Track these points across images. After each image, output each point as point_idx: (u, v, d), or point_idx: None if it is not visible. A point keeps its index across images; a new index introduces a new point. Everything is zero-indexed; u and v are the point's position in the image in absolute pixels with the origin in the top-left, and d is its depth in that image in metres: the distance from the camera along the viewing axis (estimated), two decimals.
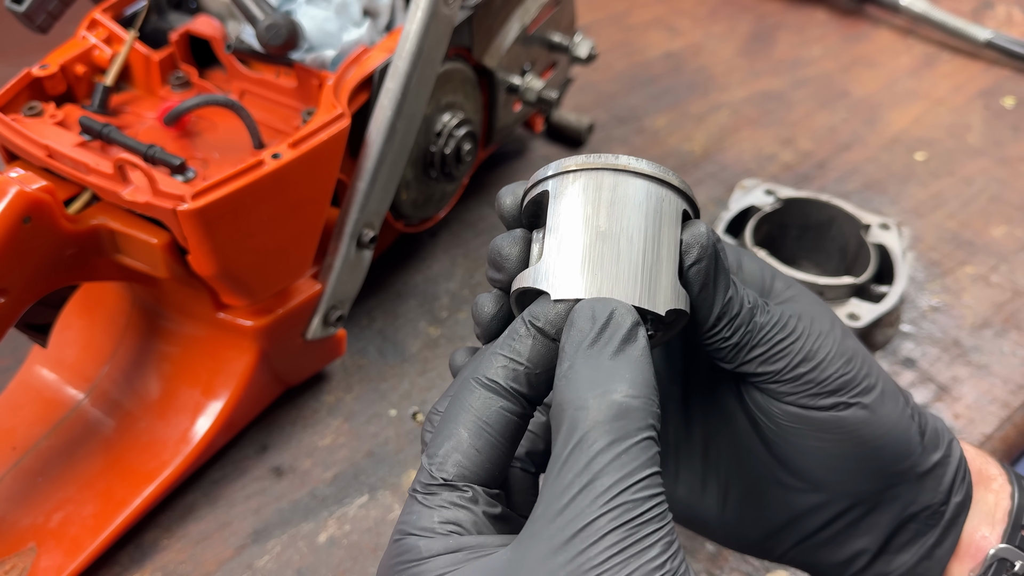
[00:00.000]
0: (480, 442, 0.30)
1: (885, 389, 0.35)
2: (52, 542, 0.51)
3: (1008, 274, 0.72)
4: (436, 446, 0.30)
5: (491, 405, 0.30)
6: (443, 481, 0.29)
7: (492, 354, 0.31)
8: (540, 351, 0.30)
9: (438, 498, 0.29)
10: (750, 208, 0.59)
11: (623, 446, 0.26)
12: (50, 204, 0.45)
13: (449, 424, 0.30)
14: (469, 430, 0.30)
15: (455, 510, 0.29)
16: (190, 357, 0.55)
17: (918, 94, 0.93)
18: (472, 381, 0.30)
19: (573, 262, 0.30)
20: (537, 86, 0.69)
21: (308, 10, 0.57)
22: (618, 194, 0.31)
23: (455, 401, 0.30)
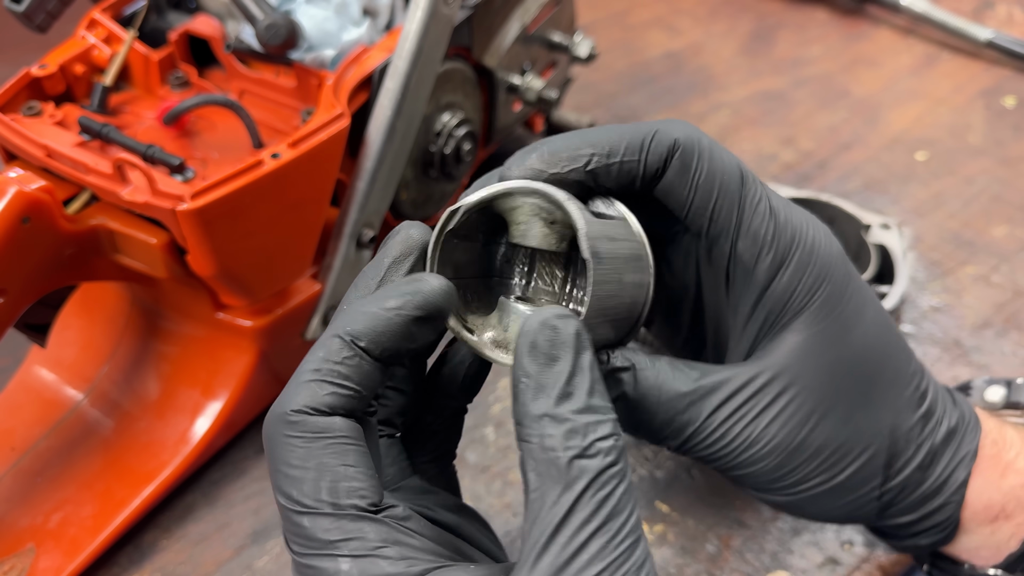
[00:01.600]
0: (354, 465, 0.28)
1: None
2: (51, 543, 0.51)
3: (1009, 274, 0.72)
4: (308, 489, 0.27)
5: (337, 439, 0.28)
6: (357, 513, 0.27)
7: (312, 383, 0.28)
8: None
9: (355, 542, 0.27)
10: None
11: (624, 487, 0.27)
12: (49, 204, 0.45)
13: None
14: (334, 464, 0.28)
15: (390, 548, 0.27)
16: (189, 357, 0.55)
17: (919, 94, 0.93)
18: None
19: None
20: (537, 86, 0.69)
21: (307, 9, 0.57)
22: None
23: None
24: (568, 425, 0.27)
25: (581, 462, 0.26)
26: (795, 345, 0.32)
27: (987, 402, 0.42)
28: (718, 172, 0.32)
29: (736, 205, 0.32)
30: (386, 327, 0.28)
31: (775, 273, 0.32)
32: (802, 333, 0.32)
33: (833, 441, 0.33)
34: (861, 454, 0.33)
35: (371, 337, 0.28)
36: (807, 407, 0.32)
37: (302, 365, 0.29)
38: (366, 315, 0.28)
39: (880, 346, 0.34)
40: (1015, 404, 0.41)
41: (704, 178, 0.32)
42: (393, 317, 0.28)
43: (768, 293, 0.32)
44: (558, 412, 0.27)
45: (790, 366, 0.32)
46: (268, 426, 0.28)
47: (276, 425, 0.28)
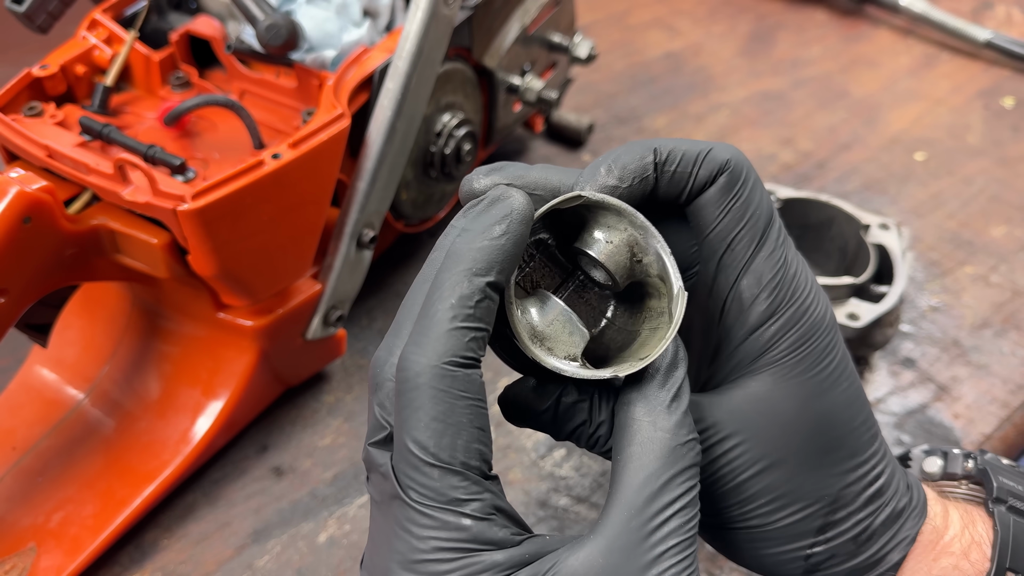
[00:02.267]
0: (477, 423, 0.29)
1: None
2: (52, 542, 0.51)
3: (1008, 274, 0.72)
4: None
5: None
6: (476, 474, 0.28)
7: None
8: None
9: (477, 501, 0.28)
10: None
11: (697, 489, 0.30)
12: (50, 204, 0.45)
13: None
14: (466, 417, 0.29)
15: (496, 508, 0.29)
16: (190, 357, 0.55)
17: (918, 94, 0.93)
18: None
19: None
20: (537, 86, 0.69)
21: (308, 10, 0.57)
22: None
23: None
24: (677, 418, 0.30)
25: (681, 450, 0.30)
26: (759, 394, 0.33)
27: (926, 473, 0.43)
28: (753, 203, 0.33)
29: (756, 241, 0.33)
30: (502, 256, 0.29)
31: (766, 320, 0.33)
32: (771, 384, 0.33)
33: (769, 492, 0.34)
34: (797, 511, 0.34)
35: (496, 270, 0.29)
36: (750, 455, 0.33)
37: (434, 311, 0.28)
38: (481, 250, 0.29)
39: (846, 419, 0.35)
40: (951, 475, 0.42)
41: (739, 204, 0.33)
42: (505, 244, 0.29)
43: (753, 336, 0.33)
44: (673, 407, 0.30)
45: (747, 413, 0.33)
46: (414, 377, 0.28)
47: (425, 378, 0.28)
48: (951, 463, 0.42)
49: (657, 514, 0.29)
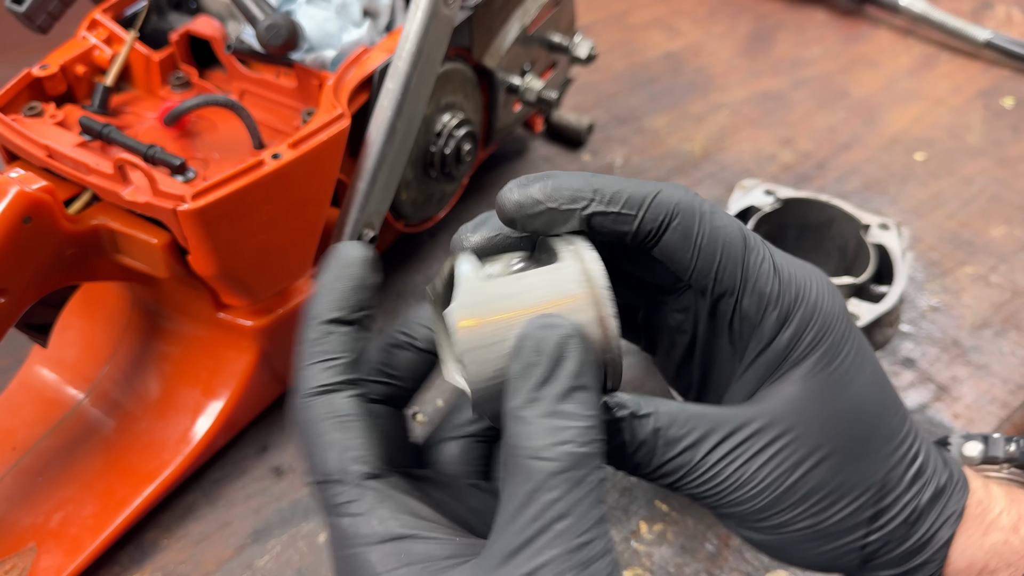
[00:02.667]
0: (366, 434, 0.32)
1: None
2: (52, 542, 0.51)
3: (1008, 274, 0.72)
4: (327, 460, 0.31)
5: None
6: (365, 476, 0.31)
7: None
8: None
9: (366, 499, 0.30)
10: (750, 208, 0.59)
11: (578, 495, 0.28)
12: (50, 204, 0.45)
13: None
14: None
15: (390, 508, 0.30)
16: (190, 357, 0.55)
17: (918, 94, 0.93)
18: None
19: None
20: (537, 86, 0.69)
21: (308, 10, 0.57)
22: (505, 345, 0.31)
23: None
24: (530, 427, 0.28)
25: (534, 463, 0.28)
26: (792, 394, 0.33)
27: (966, 457, 0.43)
28: (720, 235, 0.33)
29: (740, 266, 0.33)
30: (336, 296, 0.33)
31: (779, 328, 0.33)
32: (800, 384, 0.33)
33: (822, 488, 0.34)
34: (849, 503, 0.34)
35: (336, 309, 0.32)
36: (799, 454, 0.33)
37: (298, 354, 0.33)
38: (321, 295, 0.33)
39: (876, 403, 0.35)
40: (992, 459, 0.42)
41: (707, 241, 0.33)
42: (337, 285, 0.33)
43: (771, 346, 0.33)
44: (524, 414, 0.29)
45: (785, 414, 0.33)
46: (294, 414, 0.32)
47: (296, 411, 0.32)
48: (992, 447, 0.42)
49: (520, 531, 0.28)
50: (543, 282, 0.31)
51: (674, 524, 0.54)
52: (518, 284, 0.31)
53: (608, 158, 0.84)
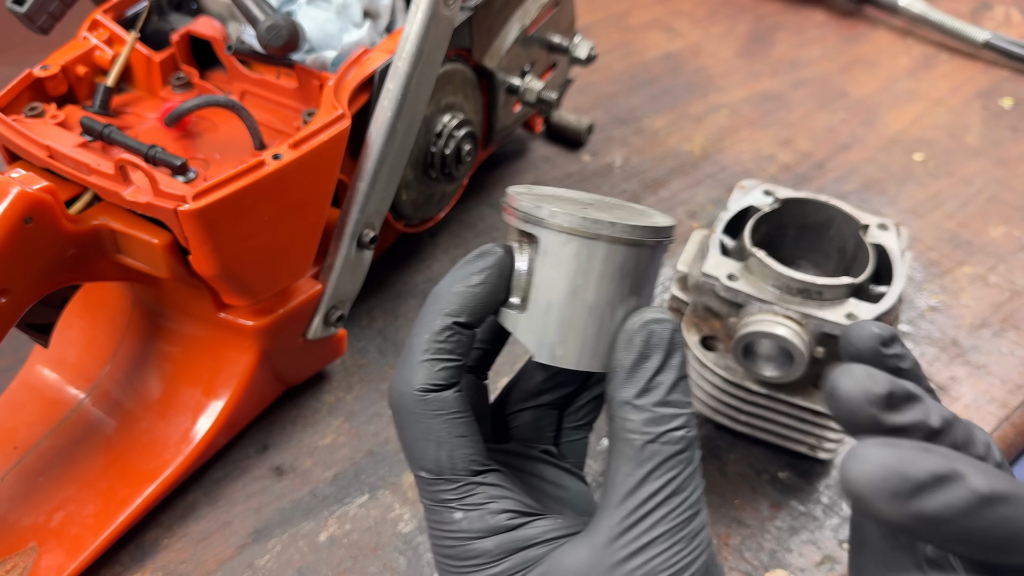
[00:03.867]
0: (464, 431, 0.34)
1: None
2: (53, 541, 0.51)
3: (1006, 274, 0.72)
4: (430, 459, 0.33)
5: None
6: (471, 475, 0.33)
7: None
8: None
9: (476, 495, 0.33)
10: (749, 208, 0.59)
11: (688, 471, 0.32)
12: (51, 204, 0.45)
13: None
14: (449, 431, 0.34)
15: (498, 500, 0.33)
16: (191, 357, 0.56)
17: (916, 95, 0.93)
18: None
19: (559, 331, 0.33)
20: (537, 87, 0.69)
21: (309, 11, 0.57)
22: (607, 267, 0.32)
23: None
24: (647, 415, 0.31)
25: (653, 446, 0.31)
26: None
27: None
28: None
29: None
30: (474, 300, 0.34)
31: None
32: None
33: None
34: None
35: (466, 312, 0.33)
36: None
37: (412, 344, 0.34)
38: (456, 294, 0.33)
39: None
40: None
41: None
42: (479, 291, 0.34)
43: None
44: (640, 403, 0.32)
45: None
46: (398, 403, 0.34)
47: (405, 402, 0.33)
48: None
49: (636, 509, 0.31)
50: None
51: None
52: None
53: (608, 158, 0.84)
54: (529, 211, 0.33)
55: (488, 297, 0.34)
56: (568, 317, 0.33)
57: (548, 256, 0.32)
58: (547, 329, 0.33)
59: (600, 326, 0.33)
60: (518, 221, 0.33)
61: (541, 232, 0.32)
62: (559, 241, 0.32)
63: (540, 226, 0.32)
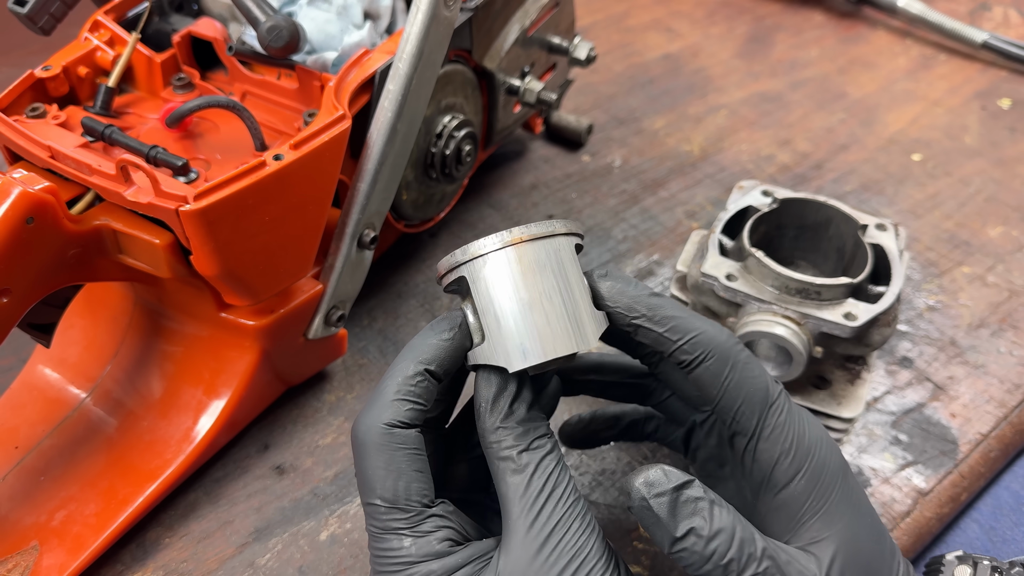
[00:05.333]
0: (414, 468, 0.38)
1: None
2: (55, 540, 0.51)
3: (1004, 274, 0.73)
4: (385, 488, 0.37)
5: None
6: (419, 508, 0.37)
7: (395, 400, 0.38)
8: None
9: (424, 525, 0.37)
10: (747, 209, 0.59)
11: (550, 467, 0.37)
12: (53, 205, 0.45)
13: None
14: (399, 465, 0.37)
15: (442, 529, 0.37)
16: (192, 356, 0.56)
17: (915, 95, 0.94)
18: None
19: (516, 335, 0.37)
20: (536, 88, 0.69)
21: (309, 12, 0.57)
22: (525, 264, 0.37)
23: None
24: (518, 430, 0.37)
25: (527, 454, 0.37)
26: (833, 547, 0.38)
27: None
28: (746, 385, 0.39)
29: (757, 415, 0.39)
30: (444, 352, 0.38)
31: (792, 478, 0.38)
32: (831, 535, 0.38)
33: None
34: None
35: (436, 362, 0.38)
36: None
37: (385, 386, 0.38)
38: (430, 345, 0.38)
39: (877, 539, 0.39)
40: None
41: (732, 385, 0.39)
42: (450, 344, 0.38)
43: (786, 492, 0.38)
44: (507, 424, 0.37)
45: (835, 560, 0.37)
46: (366, 435, 0.37)
47: (372, 435, 0.37)
48: (980, 573, 0.47)
49: (531, 508, 0.36)
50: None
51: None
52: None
53: (607, 159, 0.84)
54: (449, 264, 0.38)
55: (456, 351, 0.38)
56: (517, 319, 0.36)
57: (478, 283, 0.37)
58: (506, 340, 0.37)
59: (547, 314, 0.36)
60: (448, 276, 0.38)
61: (465, 270, 0.37)
62: (479, 267, 0.37)
63: (461, 266, 0.37)
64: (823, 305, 0.53)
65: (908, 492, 0.57)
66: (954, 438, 0.60)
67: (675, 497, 0.35)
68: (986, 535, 0.57)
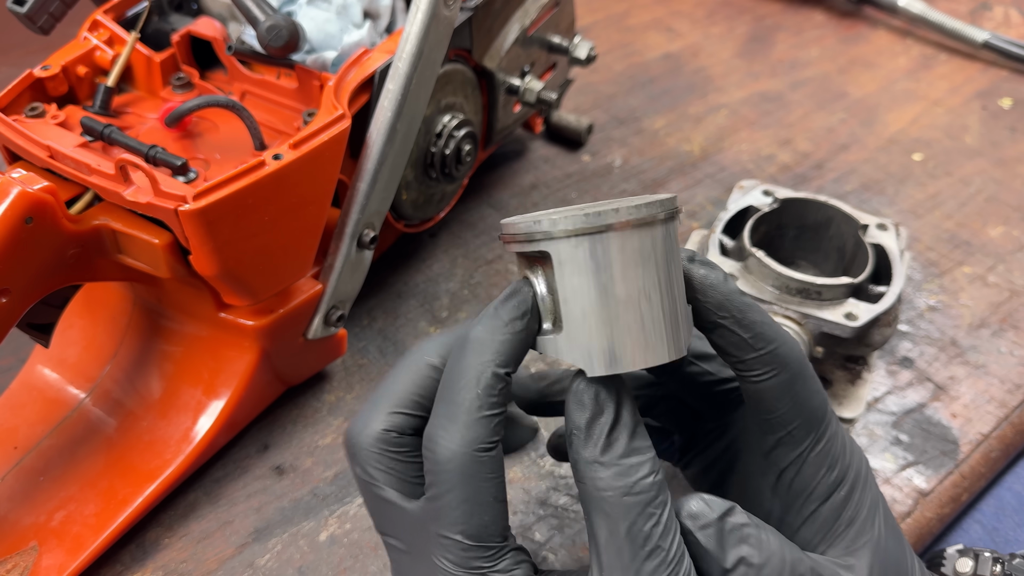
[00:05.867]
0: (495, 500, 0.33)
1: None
2: (54, 541, 0.51)
3: (1005, 274, 0.72)
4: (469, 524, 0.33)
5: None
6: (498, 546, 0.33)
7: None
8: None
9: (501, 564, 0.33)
10: (748, 209, 0.59)
11: (654, 519, 0.32)
12: (52, 204, 0.45)
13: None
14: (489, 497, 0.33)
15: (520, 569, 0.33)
16: (192, 356, 0.56)
17: (916, 95, 0.94)
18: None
19: (602, 336, 0.31)
20: (536, 87, 0.69)
21: (309, 12, 0.57)
22: (627, 255, 0.31)
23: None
24: (615, 469, 0.31)
25: (628, 499, 0.31)
26: (869, 556, 0.37)
27: (959, 572, 0.48)
28: (810, 400, 0.37)
29: (815, 430, 0.37)
30: (520, 347, 0.33)
31: (835, 489, 0.37)
32: (866, 543, 0.37)
33: None
34: None
35: (513, 361, 0.33)
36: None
37: (461, 400, 0.32)
38: (503, 342, 0.32)
39: (898, 540, 0.39)
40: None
41: (798, 401, 0.36)
42: (525, 337, 0.33)
43: (827, 504, 0.37)
44: (605, 459, 0.32)
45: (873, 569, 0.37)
46: (450, 463, 0.32)
47: (460, 463, 0.32)
48: (981, 565, 0.48)
49: (631, 564, 0.31)
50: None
51: None
52: None
53: (607, 159, 0.84)
54: (531, 230, 0.31)
55: (529, 340, 0.33)
56: (607, 318, 0.31)
57: (565, 266, 0.31)
58: (591, 340, 0.31)
59: (642, 316, 0.31)
60: (522, 245, 0.32)
61: (550, 245, 0.31)
62: (570, 246, 0.31)
63: (547, 239, 0.31)
64: (824, 305, 0.53)
65: (909, 492, 0.57)
66: (955, 438, 0.60)
67: (720, 527, 0.32)
68: (989, 535, 0.57)
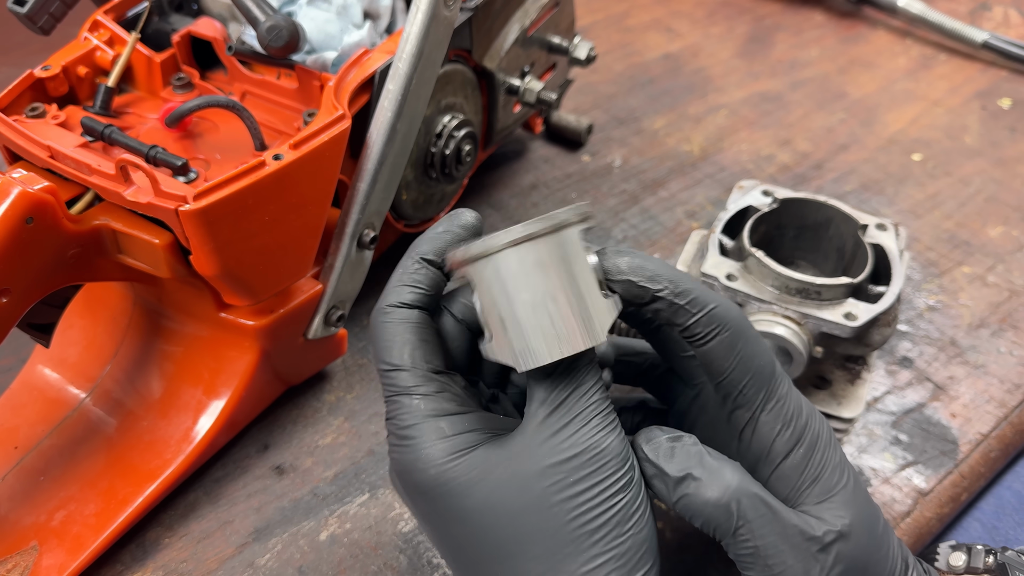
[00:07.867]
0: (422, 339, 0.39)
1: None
2: (54, 540, 0.51)
3: (1005, 274, 0.73)
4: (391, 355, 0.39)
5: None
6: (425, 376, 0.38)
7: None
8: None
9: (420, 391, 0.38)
10: (748, 209, 0.59)
11: (588, 382, 0.37)
12: (53, 204, 0.45)
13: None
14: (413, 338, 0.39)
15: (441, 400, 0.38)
16: (192, 356, 0.56)
17: (915, 95, 0.94)
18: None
19: (520, 337, 0.36)
20: (536, 87, 0.69)
21: (309, 12, 0.57)
22: (526, 267, 0.36)
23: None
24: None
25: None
26: (840, 508, 0.39)
27: (951, 566, 0.49)
28: (756, 358, 0.39)
29: (764, 388, 0.39)
30: (438, 243, 0.40)
31: (792, 448, 0.39)
32: (834, 496, 0.39)
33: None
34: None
35: (432, 252, 0.40)
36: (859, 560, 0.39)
37: (391, 279, 0.41)
38: (425, 239, 0.41)
39: (867, 498, 0.40)
40: (974, 569, 0.48)
41: (743, 359, 0.39)
42: (443, 235, 0.40)
43: (786, 463, 0.39)
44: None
45: (849, 530, 0.38)
46: (372, 318, 0.40)
47: (376, 316, 0.40)
48: (974, 558, 0.48)
49: (552, 399, 0.36)
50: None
51: (672, 520, 0.55)
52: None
53: (607, 159, 0.84)
54: (459, 257, 0.37)
55: (450, 242, 0.40)
56: (521, 322, 0.36)
57: (481, 284, 0.37)
58: (512, 341, 0.36)
59: (551, 315, 0.36)
60: (460, 270, 0.39)
61: (470, 269, 0.37)
62: (481, 266, 0.37)
63: (469, 263, 0.37)
64: (823, 305, 0.53)
65: (908, 492, 0.57)
66: (954, 438, 0.60)
67: (671, 447, 0.37)
68: (989, 534, 0.57)
